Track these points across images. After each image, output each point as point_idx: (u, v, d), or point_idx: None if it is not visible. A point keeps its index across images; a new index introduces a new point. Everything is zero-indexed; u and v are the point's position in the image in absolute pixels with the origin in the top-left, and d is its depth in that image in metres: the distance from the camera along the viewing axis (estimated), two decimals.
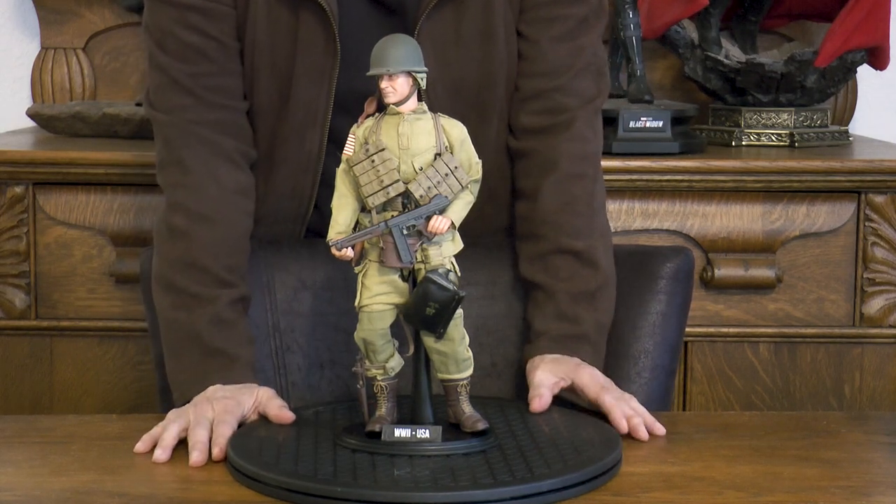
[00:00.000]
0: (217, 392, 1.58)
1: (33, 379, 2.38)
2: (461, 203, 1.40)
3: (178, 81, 1.72)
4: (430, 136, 1.39)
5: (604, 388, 1.57)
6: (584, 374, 1.61)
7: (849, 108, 2.81)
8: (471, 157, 1.42)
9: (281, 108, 1.76)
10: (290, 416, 1.53)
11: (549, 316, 1.70)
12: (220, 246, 1.69)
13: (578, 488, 1.33)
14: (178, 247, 1.69)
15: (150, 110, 1.76)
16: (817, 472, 1.41)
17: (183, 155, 1.71)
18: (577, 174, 1.75)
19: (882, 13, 2.47)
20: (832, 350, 2.37)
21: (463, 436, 1.41)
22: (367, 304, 1.42)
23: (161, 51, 1.73)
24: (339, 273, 1.77)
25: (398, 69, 1.37)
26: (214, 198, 1.71)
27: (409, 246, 1.39)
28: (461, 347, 1.42)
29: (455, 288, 1.38)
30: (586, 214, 1.74)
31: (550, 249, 1.73)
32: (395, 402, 1.45)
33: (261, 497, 1.32)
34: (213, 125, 1.72)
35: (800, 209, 2.34)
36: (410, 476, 1.31)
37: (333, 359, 1.77)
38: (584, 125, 1.76)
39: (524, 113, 1.79)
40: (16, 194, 2.33)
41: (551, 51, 1.77)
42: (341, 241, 1.40)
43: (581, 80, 1.78)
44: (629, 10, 2.49)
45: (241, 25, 1.75)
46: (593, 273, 1.72)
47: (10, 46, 2.85)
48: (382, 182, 1.38)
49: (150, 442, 1.49)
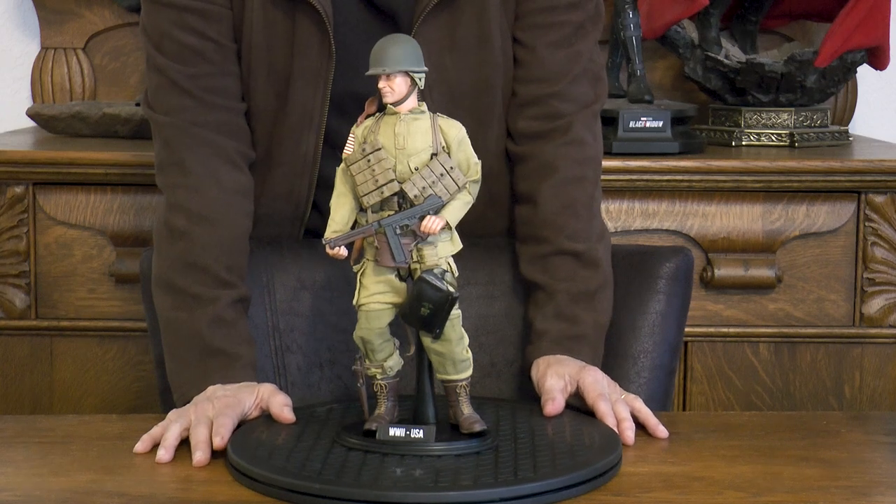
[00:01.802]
0: (217, 391, 1.58)
1: (33, 379, 2.38)
2: (458, 203, 1.40)
3: (176, 83, 1.72)
4: (426, 136, 1.39)
5: (600, 395, 1.57)
6: (587, 377, 1.61)
7: (849, 108, 2.81)
8: (469, 157, 1.41)
9: (277, 110, 1.76)
10: (290, 417, 1.53)
11: (549, 316, 1.71)
12: (220, 246, 1.69)
13: (578, 488, 1.33)
14: (178, 247, 1.69)
15: (149, 112, 1.76)
16: (817, 472, 1.41)
17: (183, 156, 1.71)
18: (576, 177, 1.75)
19: (882, 13, 2.47)
20: (832, 350, 2.37)
21: (459, 437, 1.41)
22: (364, 303, 1.42)
23: (159, 52, 1.73)
24: (338, 273, 1.77)
25: (395, 69, 1.38)
26: (215, 199, 1.71)
27: (404, 246, 1.39)
28: (458, 348, 1.42)
29: (448, 288, 1.38)
30: (586, 217, 1.75)
31: (551, 251, 1.73)
32: (396, 402, 1.45)
33: (261, 497, 1.32)
34: (213, 126, 1.73)
35: (800, 209, 2.34)
36: (405, 475, 1.31)
37: (333, 359, 1.77)
38: (581, 129, 1.77)
39: (522, 118, 1.79)
40: (16, 194, 2.33)
41: (548, 57, 1.77)
42: (335, 239, 1.40)
43: (578, 86, 1.78)
44: (629, 10, 2.50)
45: (237, 27, 1.75)
46: (593, 274, 1.73)
47: (10, 46, 2.85)
48: (377, 182, 1.38)
49: (149, 442, 1.49)
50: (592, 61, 1.80)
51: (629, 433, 1.51)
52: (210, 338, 1.64)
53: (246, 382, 1.61)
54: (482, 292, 1.81)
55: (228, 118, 1.75)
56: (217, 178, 1.71)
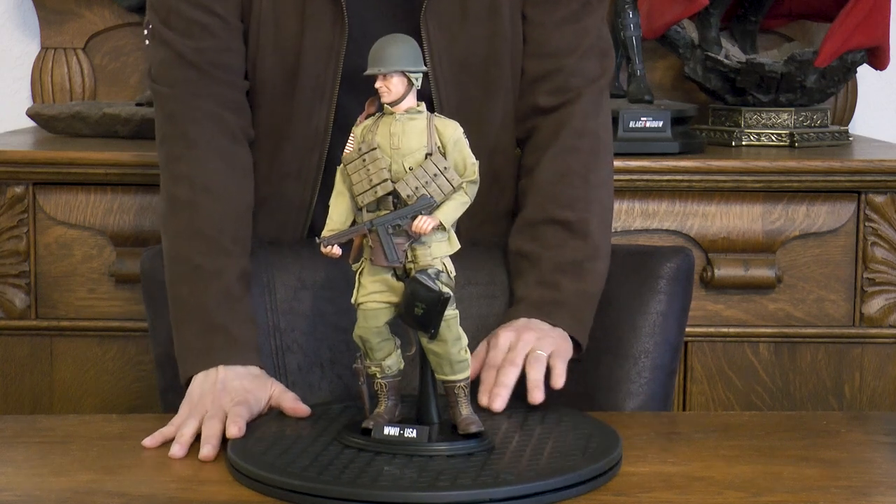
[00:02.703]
0: (231, 382, 1.59)
1: (33, 379, 2.38)
2: (453, 204, 1.39)
3: (182, 55, 1.74)
4: (421, 136, 1.39)
5: (488, 366, 1.59)
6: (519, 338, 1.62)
7: (849, 108, 2.81)
8: (465, 157, 1.40)
9: (286, 86, 1.77)
10: (305, 409, 1.54)
11: (531, 283, 1.72)
12: (224, 216, 1.70)
13: (578, 488, 1.33)
14: (183, 217, 1.70)
15: (153, 86, 1.78)
16: (817, 472, 1.41)
17: (187, 128, 1.73)
18: (573, 147, 1.77)
19: (882, 13, 2.47)
20: (832, 350, 2.37)
21: (456, 438, 1.41)
22: (362, 302, 1.43)
23: (166, 27, 1.75)
24: (339, 273, 1.77)
25: (391, 69, 1.38)
26: (218, 170, 1.72)
27: (397, 246, 1.39)
28: (454, 349, 1.41)
29: (441, 288, 1.38)
30: (581, 187, 1.76)
31: (542, 219, 1.75)
32: (398, 401, 1.45)
33: (261, 497, 1.32)
34: (216, 100, 1.74)
35: (800, 209, 2.34)
36: (403, 476, 1.31)
37: (333, 358, 1.77)
38: (587, 103, 1.79)
39: (531, 94, 1.81)
40: (16, 194, 2.33)
41: (556, 33, 1.80)
42: (328, 238, 1.41)
43: (586, 61, 1.81)
44: (629, 10, 2.50)
45: (245, 4, 1.76)
46: (582, 244, 1.73)
47: (10, 46, 2.85)
48: (371, 181, 1.39)
49: (160, 439, 1.49)
50: (600, 38, 1.83)
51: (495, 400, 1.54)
52: (214, 313, 1.65)
53: (256, 371, 1.62)
54: (482, 292, 1.81)
55: (231, 94, 1.76)
56: (220, 150, 1.73)
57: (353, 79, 1.75)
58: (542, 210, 1.75)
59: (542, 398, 1.56)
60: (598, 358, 1.76)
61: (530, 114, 1.82)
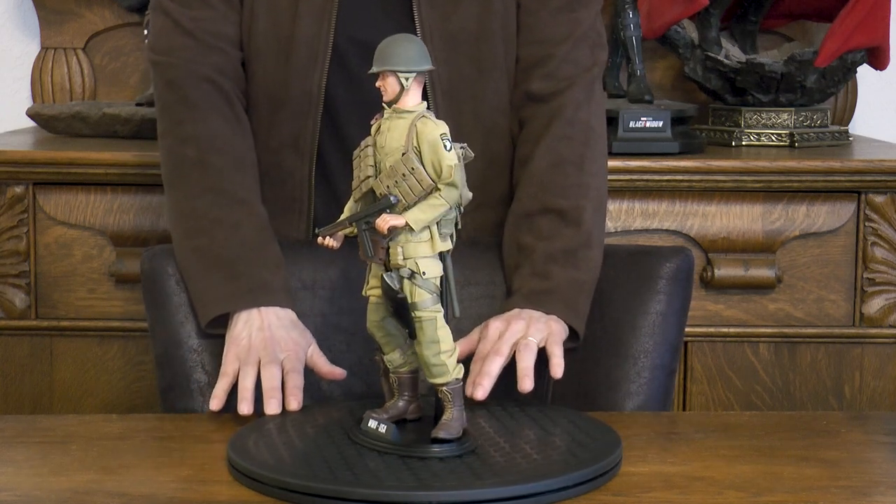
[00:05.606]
0: (278, 331, 1.63)
1: (33, 379, 2.38)
2: (424, 206, 1.37)
3: (179, 23, 1.79)
4: (402, 136, 1.39)
5: (476, 357, 1.60)
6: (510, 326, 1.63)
7: (849, 108, 2.81)
8: (441, 160, 1.37)
9: (279, 52, 1.80)
10: (341, 372, 1.60)
11: (524, 275, 1.73)
12: (234, 169, 1.75)
13: (578, 488, 1.33)
14: (194, 176, 1.74)
15: (151, 55, 1.82)
16: (817, 472, 1.41)
17: (187, 92, 1.78)
18: (566, 136, 1.78)
19: (882, 13, 2.47)
20: (832, 350, 2.37)
21: (438, 440, 1.39)
22: (367, 295, 1.44)
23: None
24: (339, 273, 1.77)
25: (382, 68, 1.38)
26: (223, 129, 1.77)
27: (374, 242, 1.39)
28: (428, 352, 1.40)
29: (397, 290, 1.38)
30: (574, 175, 1.77)
31: (537, 209, 1.76)
32: (412, 397, 1.45)
33: (261, 497, 1.32)
34: (212, 66, 1.79)
35: (800, 209, 2.34)
36: (399, 475, 1.31)
37: (333, 359, 1.77)
38: (579, 91, 1.81)
39: (524, 81, 1.83)
40: (16, 194, 2.33)
41: (550, 21, 1.82)
42: (323, 229, 1.43)
43: (578, 51, 1.83)
44: (629, 10, 2.50)
45: None
46: (575, 232, 1.74)
47: (10, 46, 2.85)
48: (359, 177, 1.41)
49: (223, 396, 1.55)
50: (593, 29, 1.85)
51: (479, 389, 1.54)
52: (241, 259, 1.69)
53: (293, 315, 1.67)
54: (482, 292, 1.81)
55: (227, 62, 1.81)
56: (221, 111, 1.78)
57: (342, 50, 1.78)
58: (536, 200, 1.76)
59: (531, 386, 1.56)
60: (598, 358, 1.76)
61: (524, 101, 1.83)
